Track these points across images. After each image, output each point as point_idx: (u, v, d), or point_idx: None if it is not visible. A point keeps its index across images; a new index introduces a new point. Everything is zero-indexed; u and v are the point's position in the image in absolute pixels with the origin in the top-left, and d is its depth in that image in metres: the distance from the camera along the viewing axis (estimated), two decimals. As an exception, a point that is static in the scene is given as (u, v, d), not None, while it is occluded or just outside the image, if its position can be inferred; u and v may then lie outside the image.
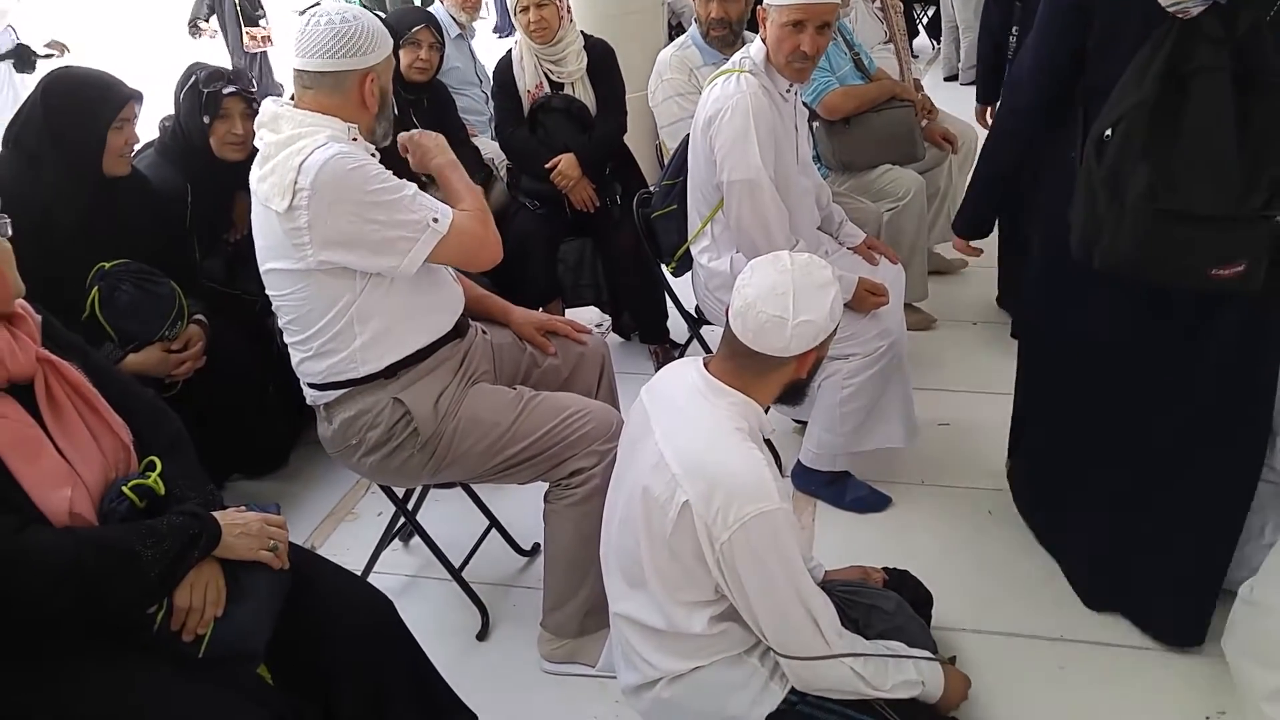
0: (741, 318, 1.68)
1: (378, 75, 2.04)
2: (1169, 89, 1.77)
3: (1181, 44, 1.75)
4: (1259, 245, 1.77)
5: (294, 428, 3.21)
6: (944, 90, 7.31)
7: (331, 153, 1.90)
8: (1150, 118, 1.78)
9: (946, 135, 3.93)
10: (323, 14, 1.98)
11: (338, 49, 1.96)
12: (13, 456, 1.43)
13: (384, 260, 1.98)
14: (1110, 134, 1.83)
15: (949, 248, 4.25)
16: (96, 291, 2.46)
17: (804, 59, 2.57)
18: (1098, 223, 1.89)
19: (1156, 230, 1.80)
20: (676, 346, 3.72)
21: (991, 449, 2.99)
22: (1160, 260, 1.83)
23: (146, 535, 1.48)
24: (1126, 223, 1.83)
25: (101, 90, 2.52)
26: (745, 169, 2.58)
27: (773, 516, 1.57)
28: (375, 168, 1.97)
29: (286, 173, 1.91)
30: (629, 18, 5.05)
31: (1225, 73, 1.72)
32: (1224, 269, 1.79)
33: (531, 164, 3.49)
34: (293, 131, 1.96)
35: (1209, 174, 1.75)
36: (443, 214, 2.02)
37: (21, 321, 1.55)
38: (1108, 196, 1.85)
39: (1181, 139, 1.76)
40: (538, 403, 2.20)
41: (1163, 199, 1.78)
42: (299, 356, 2.15)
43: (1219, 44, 1.72)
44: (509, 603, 2.57)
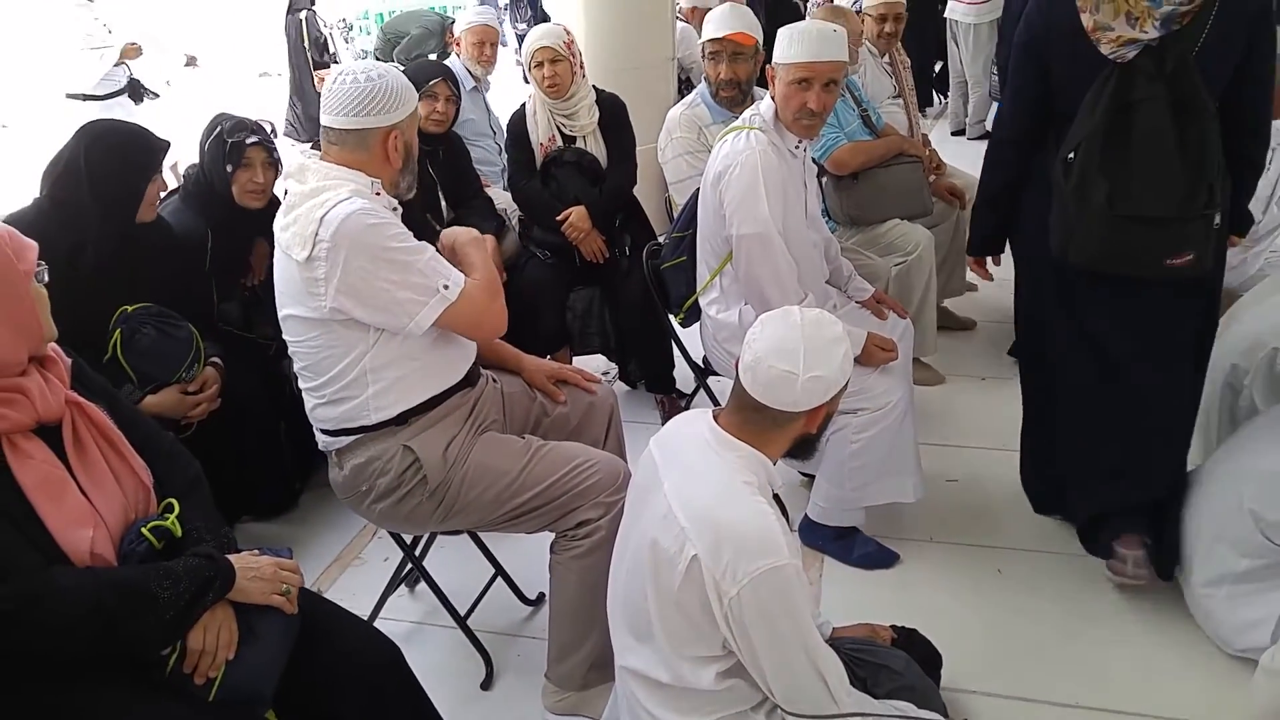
0: (751, 372, 1.69)
1: (401, 132, 2.08)
2: (1118, 117, 2.17)
3: (1123, 81, 2.17)
4: (1203, 238, 2.19)
5: (304, 472, 3.22)
6: (951, 145, 7.39)
7: (354, 208, 1.94)
8: (1103, 143, 2.19)
9: (954, 190, 3.98)
10: (349, 72, 2.04)
11: (362, 107, 2.01)
12: (38, 497, 1.46)
13: (392, 319, 2.02)
14: (1072, 156, 2.24)
15: (958, 303, 4.29)
16: (119, 334, 2.50)
17: (811, 115, 2.61)
18: (1069, 228, 2.29)
19: (1115, 231, 2.21)
20: (683, 396, 3.72)
21: (1000, 506, 3.00)
22: (1121, 256, 2.25)
23: (163, 577, 1.50)
24: (1092, 227, 2.23)
25: (142, 145, 2.63)
26: (754, 223, 2.62)
27: (783, 572, 1.56)
28: (395, 226, 2.01)
29: (309, 224, 1.95)
30: (640, 73, 5.14)
31: (1162, 101, 2.13)
32: (1176, 259, 2.20)
33: (543, 215, 3.53)
34: (318, 184, 2.01)
35: (1156, 183, 2.16)
36: (454, 282, 2.05)
37: (53, 364, 1.58)
38: (1076, 206, 2.25)
39: (1132, 156, 2.16)
40: (546, 452, 2.20)
41: (1119, 206, 2.18)
42: (313, 402, 2.17)
43: (1153, 78, 2.14)
44: (513, 652, 2.55)
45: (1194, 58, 2.13)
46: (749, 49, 3.46)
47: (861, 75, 4.04)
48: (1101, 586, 2.64)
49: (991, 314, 4.39)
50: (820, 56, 2.57)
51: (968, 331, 4.28)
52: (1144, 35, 2.12)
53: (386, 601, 2.62)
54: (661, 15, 5.36)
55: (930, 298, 3.66)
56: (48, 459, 1.50)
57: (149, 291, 2.61)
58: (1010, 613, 2.58)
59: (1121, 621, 2.53)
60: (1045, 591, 2.65)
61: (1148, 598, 2.58)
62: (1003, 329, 4.22)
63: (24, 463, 1.46)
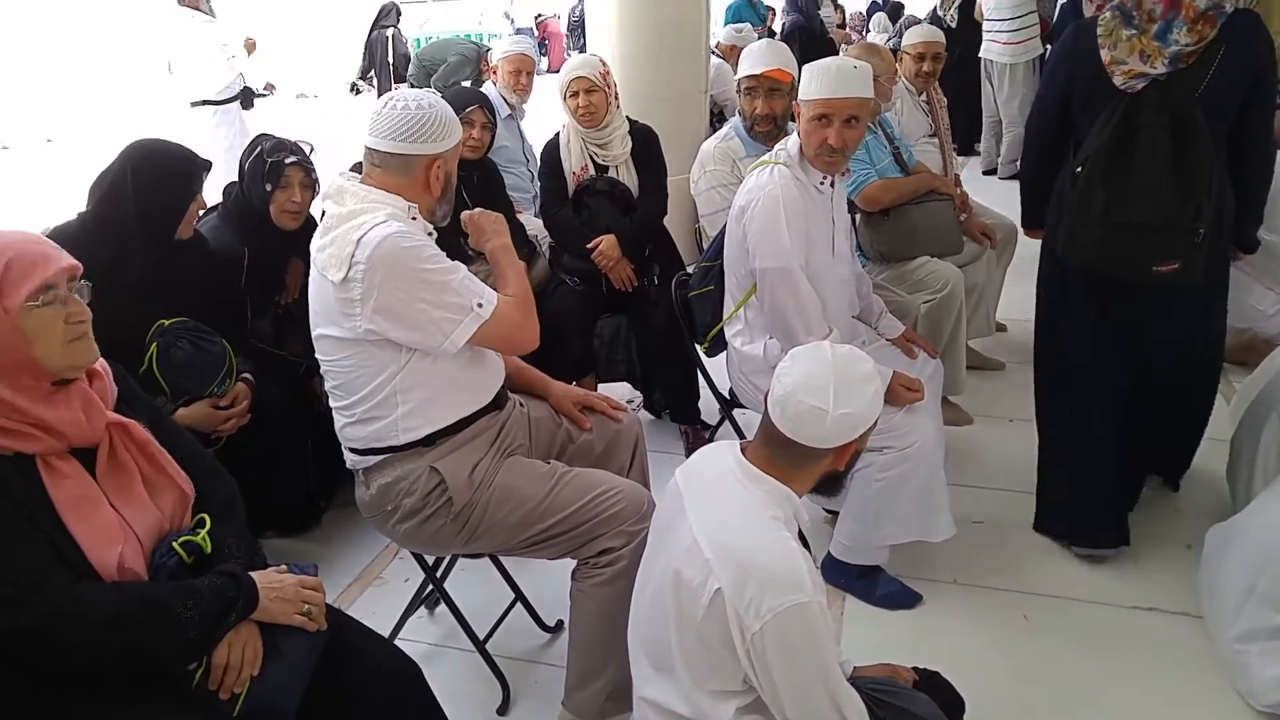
0: (781, 406, 1.68)
1: (445, 161, 2.12)
2: (1123, 138, 2.47)
3: (1131, 107, 2.47)
4: (1190, 248, 2.46)
5: (329, 490, 3.24)
6: (982, 184, 7.37)
7: (390, 230, 1.97)
8: (1106, 159, 2.48)
9: (985, 230, 3.97)
10: (401, 98, 2.08)
11: (410, 133, 2.05)
12: (70, 515, 1.48)
13: (427, 338, 2.04)
14: (1080, 170, 2.53)
15: (987, 343, 4.27)
16: (155, 347, 2.54)
17: (832, 152, 2.63)
18: (1072, 232, 2.59)
19: (1111, 235, 2.50)
20: (707, 427, 3.72)
21: (1027, 549, 2.97)
22: (1115, 259, 2.56)
23: (187, 595, 1.51)
24: (1091, 230, 2.53)
25: (186, 165, 2.69)
26: (776, 257, 2.64)
27: (807, 609, 1.55)
28: (430, 248, 2.04)
29: (345, 245, 1.97)
30: (673, 104, 5.17)
31: (1164, 128, 2.42)
32: (1163, 266, 2.49)
33: (574, 243, 3.55)
34: (355, 206, 2.04)
35: (1149, 196, 2.44)
36: (488, 300, 2.07)
37: (98, 379, 1.61)
38: (1079, 213, 2.55)
39: (1131, 172, 2.45)
40: (570, 478, 2.21)
41: (1114, 213, 2.47)
42: (342, 421, 2.18)
43: (1157, 107, 2.44)
44: (531, 678, 2.55)
45: (1200, 93, 2.44)
46: (785, 85, 3.48)
47: (897, 113, 4.06)
48: (1129, 637, 2.61)
49: (1021, 355, 4.34)
50: (839, 93, 2.58)
51: (997, 372, 4.25)
52: (1153, 70, 2.45)
53: (406, 622, 2.62)
54: (695, 48, 5.39)
55: (960, 336, 3.65)
56: (81, 478, 1.52)
57: (186, 307, 2.65)
58: (1035, 660, 2.54)
59: (1149, 673, 2.49)
60: (1072, 639, 2.61)
61: (1177, 650, 2.55)
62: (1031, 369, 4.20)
63: (58, 482, 1.49)
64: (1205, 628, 2.57)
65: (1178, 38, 2.41)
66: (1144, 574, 2.86)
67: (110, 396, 1.63)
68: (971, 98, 7.83)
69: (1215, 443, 3.31)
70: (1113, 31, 2.51)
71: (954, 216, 3.71)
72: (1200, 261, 2.49)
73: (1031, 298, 2.94)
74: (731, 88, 6.17)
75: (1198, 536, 2.76)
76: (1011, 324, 4.64)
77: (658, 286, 3.60)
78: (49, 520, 1.46)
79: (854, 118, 2.61)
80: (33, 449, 1.48)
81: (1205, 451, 3.35)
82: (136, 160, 2.64)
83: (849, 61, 2.66)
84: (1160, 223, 2.45)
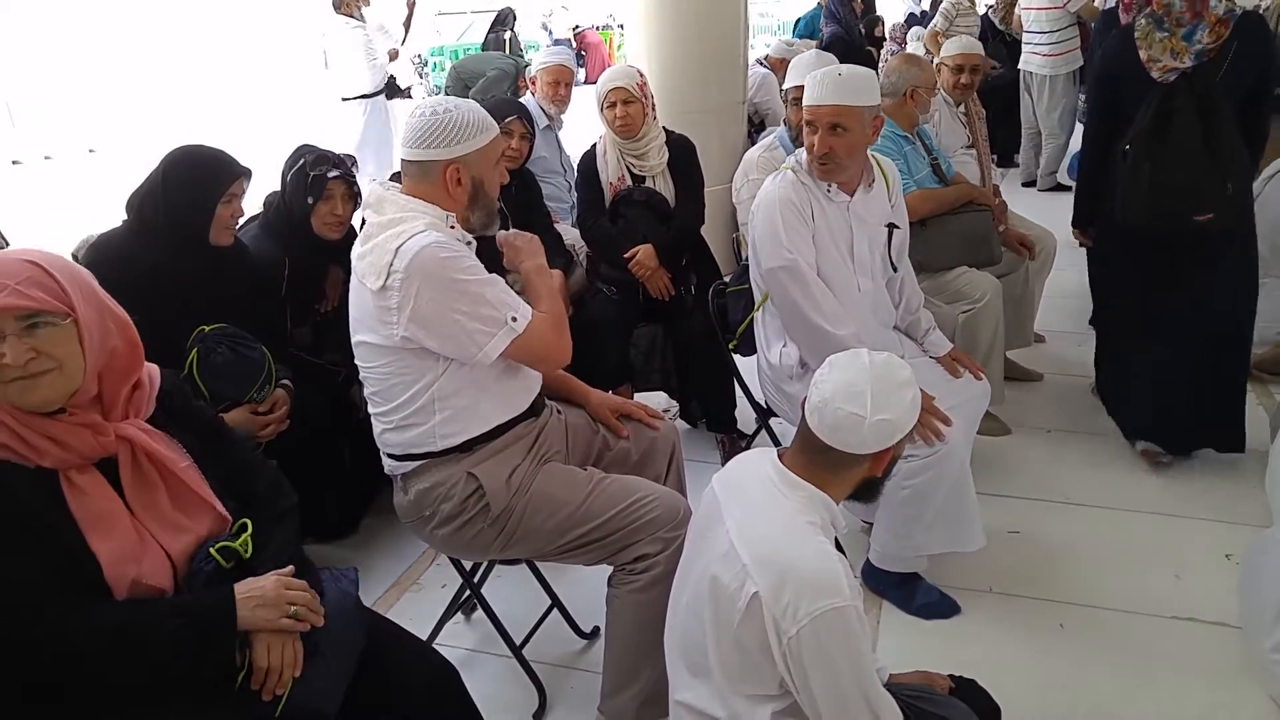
0: (818, 413, 1.69)
1: (465, 166, 2.10)
2: (1160, 120, 3.09)
3: (1166, 96, 3.08)
4: (1222, 200, 3.05)
5: (366, 496, 3.27)
6: (1022, 196, 7.33)
7: (428, 240, 1.99)
8: (1149, 138, 3.11)
9: (1024, 241, 3.95)
10: (423, 105, 2.10)
11: (425, 139, 2.07)
12: (90, 529, 1.48)
13: (461, 349, 2.06)
14: (1129, 147, 3.15)
15: (1026, 354, 4.24)
16: (195, 353, 2.56)
17: (820, 159, 2.64)
18: (1126, 197, 3.18)
19: (1158, 197, 3.10)
20: (744, 437, 3.72)
21: (1064, 560, 2.95)
22: (1163, 215, 3.13)
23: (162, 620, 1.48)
24: (1141, 195, 3.13)
25: (215, 168, 2.69)
26: (779, 257, 2.67)
27: (844, 613, 1.55)
28: (467, 259, 2.05)
29: (384, 254, 2.00)
30: (710, 115, 5.20)
31: (1193, 110, 3.04)
32: (1201, 216, 3.08)
33: (611, 252, 3.57)
34: (395, 215, 2.06)
35: (1186, 162, 3.05)
36: (522, 314, 2.09)
37: (140, 389, 1.60)
38: (1131, 182, 3.15)
39: (1168, 146, 3.07)
40: (607, 485, 2.22)
41: (1158, 179, 3.08)
42: (381, 427, 2.21)
43: (1188, 94, 3.05)
44: (568, 684, 2.56)
45: (1219, 79, 3.04)
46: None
47: (936, 125, 4.05)
48: (1166, 646, 2.59)
49: (1059, 366, 4.34)
50: (819, 100, 2.60)
51: (1035, 383, 4.22)
52: (1182, 65, 3.04)
53: (443, 628, 2.65)
54: (734, 59, 5.41)
55: (998, 347, 3.63)
56: (103, 492, 1.52)
57: (229, 314, 2.67)
58: (1072, 668, 2.53)
59: (1186, 683, 2.47)
60: (1108, 649, 2.59)
61: (1214, 660, 2.53)
62: (1070, 381, 4.19)
63: (79, 496, 1.49)
64: (1243, 638, 2.54)
65: (1201, 38, 3.00)
66: (1182, 583, 2.84)
67: (146, 408, 1.61)
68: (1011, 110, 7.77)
69: (1255, 453, 3.28)
70: (1148, 35, 3.09)
71: (992, 227, 3.69)
72: (1232, 211, 3.08)
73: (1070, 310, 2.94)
74: (774, 98, 6.23)
75: (1238, 546, 2.74)
76: (1050, 335, 4.62)
77: (694, 295, 3.62)
78: (70, 535, 1.47)
79: (838, 125, 2.60)
80: (48, 463, 1.48)
81: (1246, 462, 3.33)
82: (169, 164, 2.68)
83: (836, 69, 2.65)
84: (1195, 182, 3.04)
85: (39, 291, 1.43)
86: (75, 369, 1.48)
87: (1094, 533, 3.11)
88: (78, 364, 1.48)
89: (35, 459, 1.47)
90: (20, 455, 1.46)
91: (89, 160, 12.80)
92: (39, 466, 1.47)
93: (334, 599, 1.72)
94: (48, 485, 1.48)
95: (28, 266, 1.44)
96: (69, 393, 1.48)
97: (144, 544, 1.54)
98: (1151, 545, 3.03)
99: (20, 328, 1.42)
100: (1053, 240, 4.16)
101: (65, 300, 1.46)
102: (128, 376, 1.58)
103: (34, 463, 1.47)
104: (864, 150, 2.74)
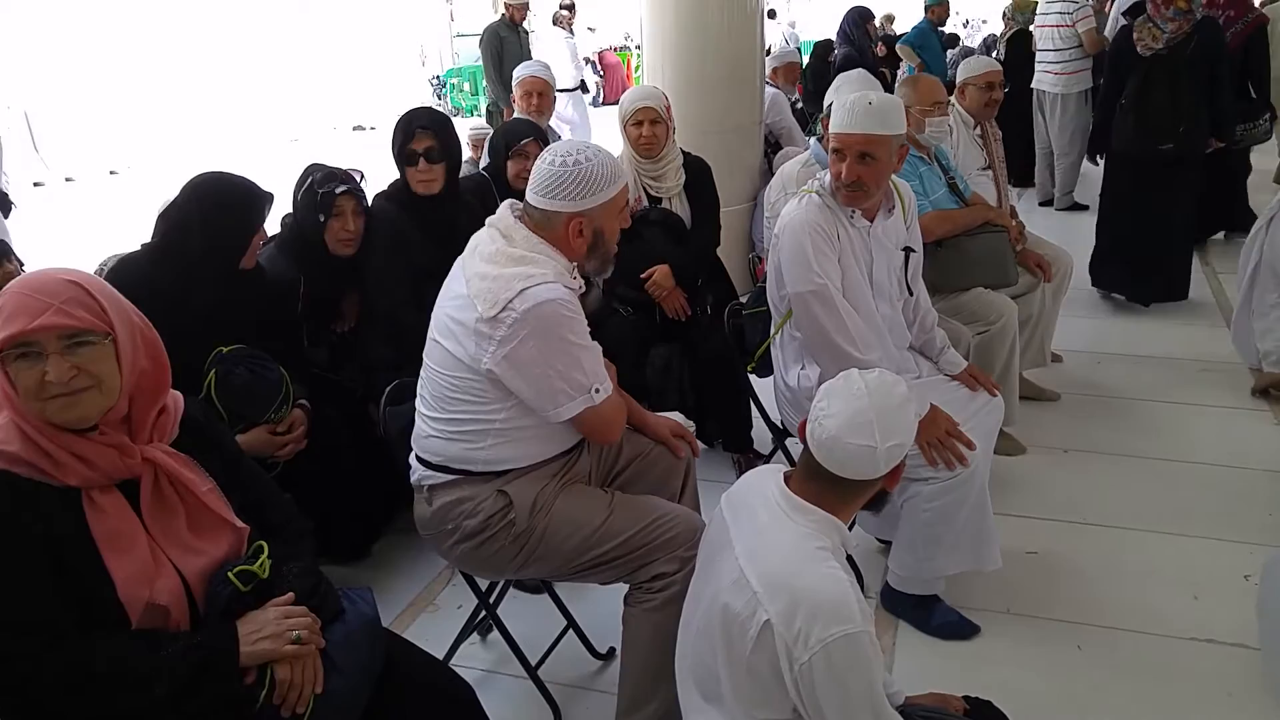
0: (828, 449, 1.69)
1: (588, 219, 2.10)
2: (1143, 84, 4.88)
3: (1147, 66, 4.86)
4: (1176, 136, 4.86)
5: (388, 515, 3.26)
6: (1039, 216, 7.32)
7: (554, 294, 2.01)
8: (1134, 96, 4.91)
9: (1040, 262, 3.95)
10: (557, 153, 2.09)
11: (553, 190, 2.07)
12: (107, 549, 1.50)
13: (540, 401, 2.09)
14: (1123, 102, 4.98)
15: (1041, 374, 4.23)
16: (213, 374, 2.58)
17: (848, 186, 2.64)
18: (1118, 132, 5.08)
19: (1138, 135, 4.94)
20: (760, 456, 3.72)
21: (1080, 580, 2.94)
22: (1140, 146, 4.97)
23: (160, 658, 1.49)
24: (1128, 132, 5.00)
25: (251, 199, 2.75)
26: (808, 281, 2.66)
27: (856, 639, 1.56)
28: (581, 323, 2.08)
29: (507, 289, 2.00)
30: (726, 135, 5.22)
31: (1165, 77, 4.82)
32: (1164, 146, 4.90)
33: (627, 273, 3.58)
34: (525, 252, 2.07)
35: (1158, 112, 4.86)
36: (604, 388, 2.13)
37: (165, 414, 1.63)
38: (1121, 124, 5.03)
39: (1148, 101, 4.87)
40: (626, 504, 2.23)
41: (1139, 123, 4.91)
42: (427, 430, 2.22)
43: (1162, 64, 4.83)
44: (583, 705, 2.56)
45: (1185, 60, 4.80)
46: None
47: (953, 146, 4.05)
48: (1184, 668, 2.57)
49: (1076, 386, 4.33)
50: (849, 129, 2.60)
51: (1051, 402, 4.21)
52: (1157, 46, 4.80)
53: (459, 648, 2.65)
54: (750, 80, 5.44)
55: (1013, 367, 3.63)
56: (122, 512, 1.54)
57: (247, 335, 2.70)
58: (1089, 689, 2.51)
59: (1204, 705, 2.45)
60: (1126, 670, 2.58)
61: (1233, 682, 2.51)
62: (1087, 401, 4.18)
63: (99, 516, 1.51)
64: (1263, 659, 2.52)
65: (1168, 29, 4.75)
66: (1200, 605, 2.82)
67: (169, 433, 1.64)
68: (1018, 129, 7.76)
69: (1271, 474, 3.27)
70: (1139, 26, 4.85)
71: (1008, 248, 3.69)
72: (1184, 144, 4.89)
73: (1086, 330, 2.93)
74: (787, 116, 6.24)
75: (1256, 567, 2.72)
76: (1067, 355, 4.61)
77: (710, 316, 3.63)
78: (87, 554, 1.49)
79: (867, 154, 2.60)
80: (73, 481, 1.50)
81: (1260, 481, 3.31)
82: (202, 193, 2.71)
83: (866, 97, 2.65)
84: (1161, 124, 4.87)
85: (82, 311, 1.48)
86: (113, 387, 1.52)
87: (1111, 553, 3.09)
88: (115, 382, 1.52)
89: (61, 477, 1.49)
90: (46, 473, 1.49)
91: (110, 182, 12.93)
92: (64, 485, 1.50)
93: (352, 619, 1.73)
94: (71, 503, 1.50)
95: (70, 286, 1.48)
96: (106, 410, 1.52)
97: (158, 565, 1.55)
98: (1169, 566, 3.01)
99: (62, 346, 1.46)
100: (1069, 260, 4.15)
101: (105, 320, 1.50)
102: (155, 398, 1.61)
103: (60, 481, 1.49)
104: (889, 177, 2.76)
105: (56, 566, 1.46)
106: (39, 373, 1.44)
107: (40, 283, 1.48)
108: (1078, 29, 7.15)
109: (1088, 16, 7.14)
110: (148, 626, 1.53)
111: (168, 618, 1.55)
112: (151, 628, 1.53)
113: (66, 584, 1.46)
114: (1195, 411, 4.12)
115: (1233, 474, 3.51)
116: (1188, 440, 3.84)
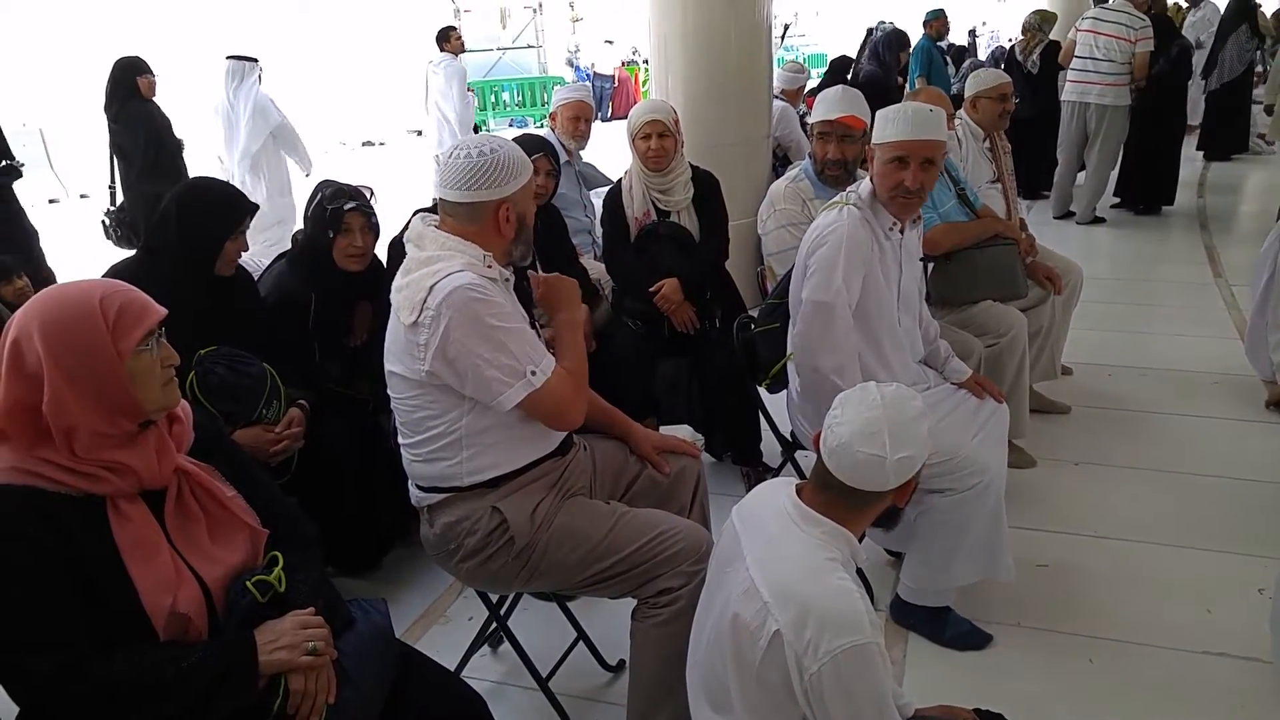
0: (837, 457, 1.70)
1: (513, 204, 2.14)
2: None
3: None
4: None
5: (403, 527, 3.25)
6: (1052, 228, 7.31)
7: (463, 281, 2.02)
8: None
9: (1050, 274, 3.94)
10: (463, 147, 2.12)
11: (473, 182, 2.09)
12: (131, 558, 1.52)
13: (481, 393, 2.08)
14: None
15: (1051, 387, 4.23)
16: (193, 376, 2.58)
17: (907, 194, 2.64)
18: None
19: None
20: (769, 469, 3.72)
21: (1092, 594, 2.93)
22: None
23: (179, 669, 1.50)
24: None
25: (228, 202, 2.82)
26: (825, 292, 2.65)
27: (865, 650, 1.56)
28: (497, 305, 2.06)
29: (419, 290, 2.03)
30: (735, 149, 5.23)
31: None
32: None
33: (636, 286, 3.60)
34: (434, 252, 2.09)
35: None
36: (542, 369, 2.09)
37: (178, 423, 1.66)
38: None
39: None
40: (630, 519, 2.23)
41: None
42: (409, 458, 2.24)
43: None
44: (593, 717, 2.56)
45: None
46: (858, 132, 3.48)
47: (963, 159, 4.06)
48: (1197, 682, 2.56)
49: (1086, 399, 4.32)
50: (916, 135, 2.61)
51: (1061, 415, 4.20)
52: None
53: (470, 660, 2.66)
54: (759, 94, 5.45)
55: (1023, 380, 3.62)
56: (145, 520, 1.56)
57: (233, 341, 2.72)
58: (1101, 703, 2.51)
59: (1216, 718, 2.44)
60: (1138, 684, 2.57)
61: (1246, 696, 2.50)
62: (1098, 414, 4.17)
63: (123, 524, 1.53)
64: (1276, 673, 2.51)
65: None
66: (1214, 618, 2.81)
67: (186, 441, 1.67)
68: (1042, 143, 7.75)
69: (1278, 486, 3.26)
70: None
71: (1018, 261, 3.68)
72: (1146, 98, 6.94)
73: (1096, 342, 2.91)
74: (795, 130, 6.26)
75: (1269, 580, 2.71)
76: (1077, 368, 4.60)
77: (719, 329, 3.63)
78: (111, 562, 1.50)
79: (929, 160, 2.63)
80: (103, 490, 1.52)
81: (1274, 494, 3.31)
82: (183, 193, 2.79)
83: (924, 106, 2.68)
84: None
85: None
86: None
87: (1123, 566, 3.09)
88: None
89: (87, 487, 1.51)
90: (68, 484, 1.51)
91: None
92: (87, 494, 1.51)
93: (365, 630, 1.75)
94: (94, 512, 1.52)
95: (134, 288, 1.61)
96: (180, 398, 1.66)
97: (180, 574, 1.57)
98: (1182, 579, 3.00)
99: (156, 336, 1.59)
100: (1079, 272, 4.15)
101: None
102: None
103: (84, 490, 1.51)
104: None
105: (80, 578, 1.47)
106: (159, 359, 1.58)
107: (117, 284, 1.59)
108: (1136, 47, 7.07)
109: (1148, 38, 7.06)
110: (171, 637, 1.54)
111: (189, 626, 1.56)
112: (172, 638, 1.54)
113: (91, 596, 1.48)
114: (1208, 424, 4.11)
115: (1246, 487, 3.50)
116: (1200, 453, 3.82)
